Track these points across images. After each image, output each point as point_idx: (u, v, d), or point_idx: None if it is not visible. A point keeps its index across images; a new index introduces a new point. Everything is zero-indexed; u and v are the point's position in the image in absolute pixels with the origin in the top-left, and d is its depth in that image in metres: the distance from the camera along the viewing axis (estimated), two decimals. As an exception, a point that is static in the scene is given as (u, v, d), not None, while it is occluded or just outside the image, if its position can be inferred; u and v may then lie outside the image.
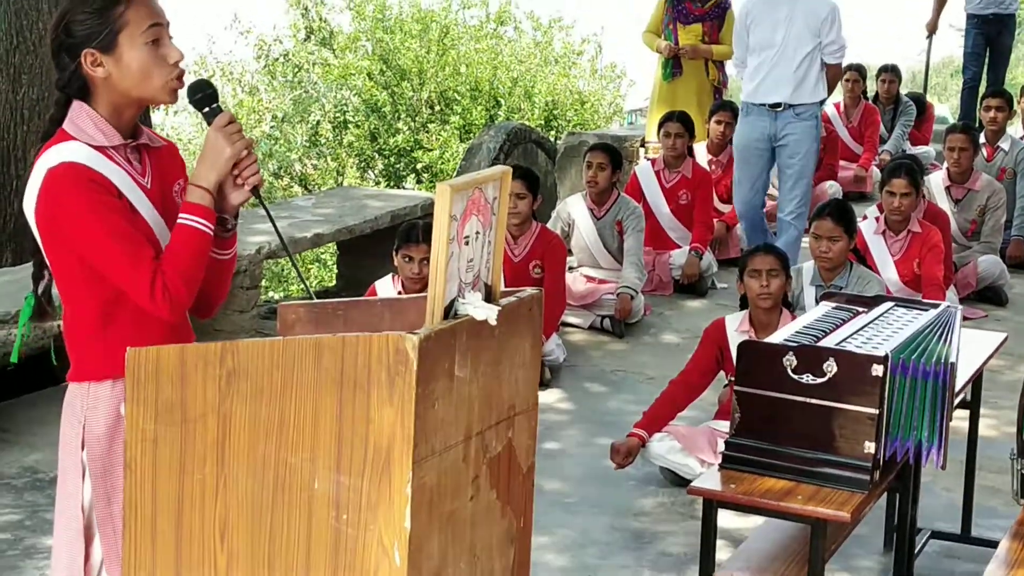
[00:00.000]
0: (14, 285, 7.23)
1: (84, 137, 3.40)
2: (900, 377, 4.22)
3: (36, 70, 9.17)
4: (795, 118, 9.26)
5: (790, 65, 9.16)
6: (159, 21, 3.43)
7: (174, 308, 3.35)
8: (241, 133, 3.42)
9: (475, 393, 3.11)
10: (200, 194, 3.38)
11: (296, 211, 9.65)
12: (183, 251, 3.35)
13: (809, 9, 9.13)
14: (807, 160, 9.38)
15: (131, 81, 3.42)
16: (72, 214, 3.33)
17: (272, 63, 22.59)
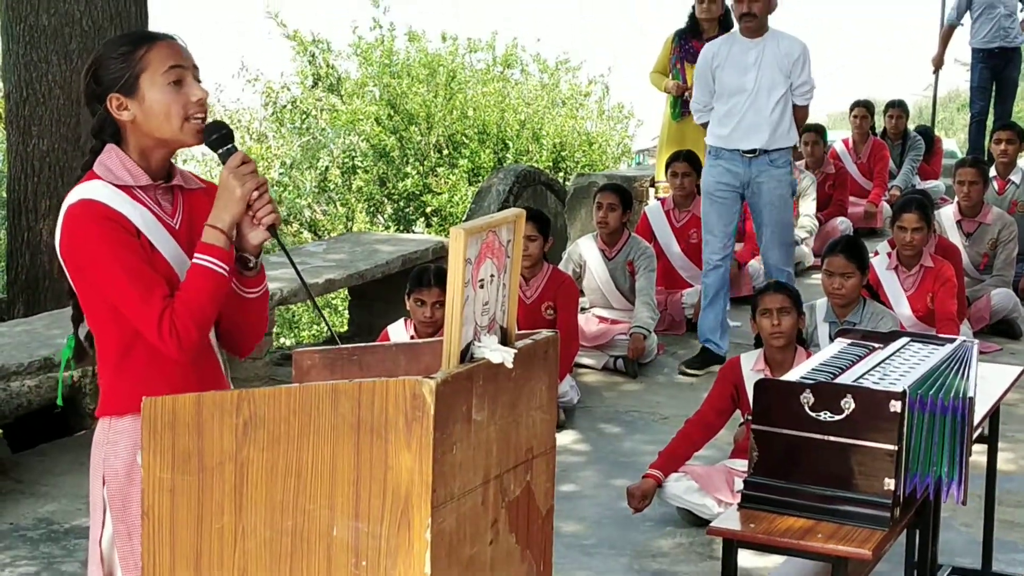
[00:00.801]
0: (27, 335, 7.23)
1: (109, 176, 3.47)
2: (918, 413, 4.20)
3: (46, 122, 9.22)
4: (770, 164, 8.85)
5: (764, 110, 8.76)
6: (181, 63, 3.48)
7: (182, 346, 3.36)
8: (254, 173, 3.44)
9: (493, 436, 3.09)
10: (215, 234, 3.41)
11: (307, 257, 9.65)
12: (193, 290, 3.38)
13: (779, 51, 8.76)
14: (784, 204, 9.00)
15: (154, 122, 3.47)
16: (88, 250, 3.39)
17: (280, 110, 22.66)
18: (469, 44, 23.75)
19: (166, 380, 3.41)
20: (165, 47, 3.49)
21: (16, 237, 9.47)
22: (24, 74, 9.28)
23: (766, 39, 8.74)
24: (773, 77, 8.72)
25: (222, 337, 3.67)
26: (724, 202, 8.93)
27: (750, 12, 8.62)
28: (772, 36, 8.76)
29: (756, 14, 8.63)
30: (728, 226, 9.00)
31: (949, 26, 15.33)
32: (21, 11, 9.23)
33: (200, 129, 3.50)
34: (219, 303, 3.44)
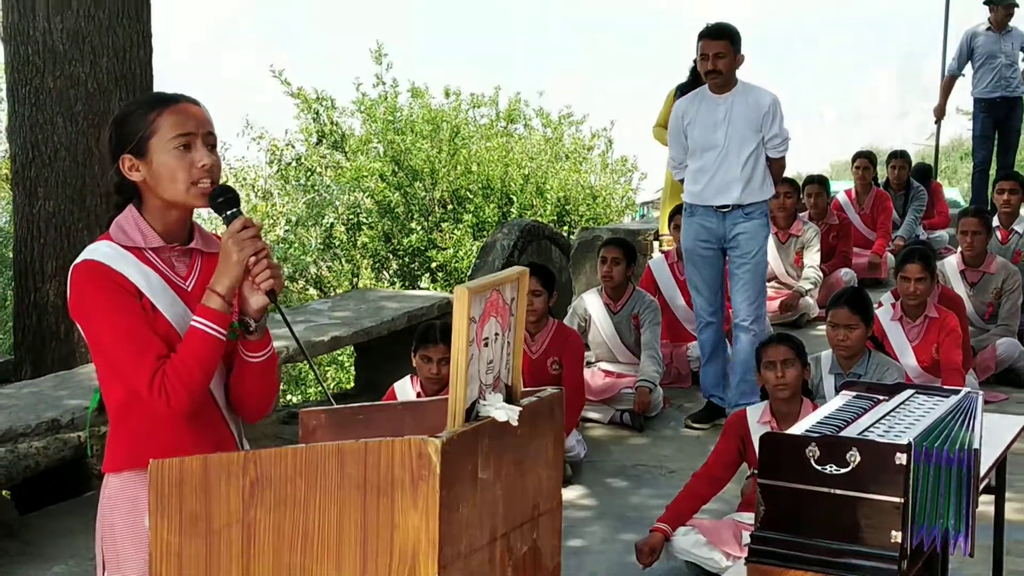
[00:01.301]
0: (34, 397, 7.24)
1: (120, 237, 3.54)
2: (924, 465, 4.20)
3: (52, 184, 9.26)
4: (744, 218, 8.68)
5: (735, 165, 8.60)
6: (191, 130, 3.52)
7: (171, 406, 3.40)
8: (254, 239, 3.47)
9: (499, 495, 3.10)
10: (212, 298, 3.45)
11: (313, 315, 9.67)
12: (186, 353, 3.42)
13: (749, 105, 8.61)
14: (759, 259, 8.75)
15: (161, 185, 3.52)
16: (87, 309, 3.47)
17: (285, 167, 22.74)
18: (472, 99, 23.85)
19: (164, 439, 3.45)
20: (180, 111, 3.54)
21: (23, 298, 9.49)
22: (30, 136, 9.32)
23: (735, 94, 8.64)
24: (743, 132, 8.60)
25: (232, 401, 3.68)
26: (705, 259, 8.82)
27: (715, 69, 8.54)
28: (741, 90, 8.66)
29: (721, 71, 8.53)
30: (714, 282, 8.89)
31: (950, 76, 15.37)
32: (27, 73, 9.28)
33: (206, 192, 3.53)
34: (212, 366, 3.47)
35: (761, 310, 8.85)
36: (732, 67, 8.57)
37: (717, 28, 8.62)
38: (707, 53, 8.52)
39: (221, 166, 3.62)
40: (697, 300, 8.97)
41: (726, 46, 8.48)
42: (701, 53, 8.57)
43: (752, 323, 8.71)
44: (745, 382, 8.58)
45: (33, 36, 9.22)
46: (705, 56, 8.54)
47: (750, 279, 8.71)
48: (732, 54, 8.51)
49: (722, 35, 8.53)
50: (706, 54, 8.53)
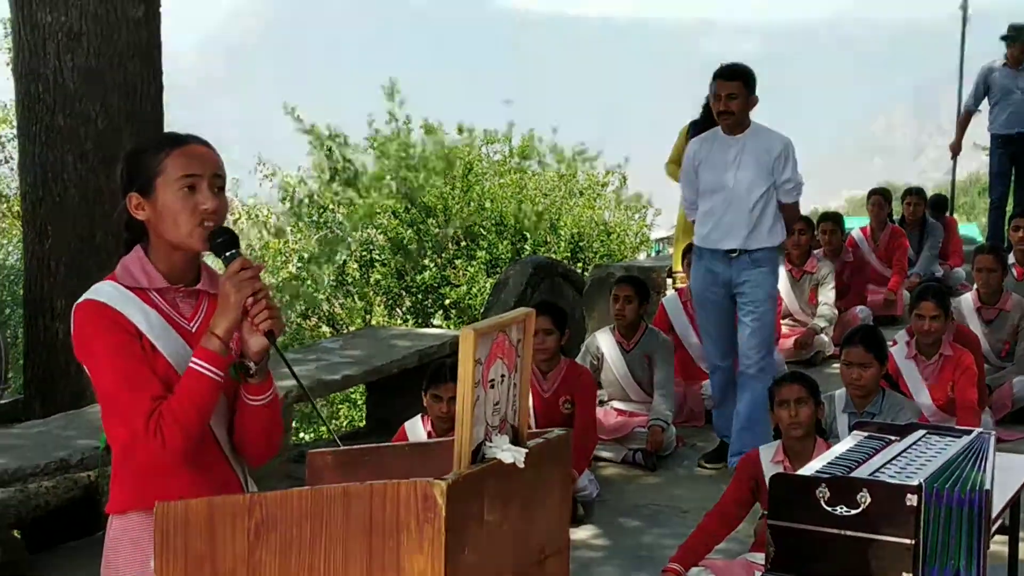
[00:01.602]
0: (44, 436, 7.24)
1: (125, 278, 3.55)
2: (935, 506, 4.18)
3: (61, 222, 9.27)
4: (751, 264, 8.44)
5: (743, 209, 8.39)
6: (197, 172, 3.52)
7: (166, 447, 3.38)
8: (253, 279, 3.46)
9: (505, 536, 3.09)
10: (211, 339, 3.45)
11: (325, 353, 9.67)
12: (183, 395, 3.42)
13: (760, 147, 8.39)
14: (767, 306, 8.53)
15: (163, 226, 3.53)
16: (86, 349, 3.48)
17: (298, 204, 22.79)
18: (486, 136, 23.89)
19: (167, 481, 3.43)
20: (188, 152, 3.54)
21: (33, 336, 9.50)
22: (40, 174, 9.35)
23: (747, 136, 8.44)
24: (753, 175, 8.38)
25: (235, 444, 3.67)
26: (715, 303, 8.63)
27: (727, 110, 8.37)
28: (754, 132, 8.47)
29: (734, 112, 8.35)
30: (723, 327, 8.67)
31: (967, 112, 15.35)
32: (37, 111, 9.32)
33: (204, 236, 3.53)
34: (208, 407, 3.45)
35: (769, 359, 8.60)
36: (745, 108, 8.40)
37: (731, 69, 8.48)
38: (720, 93, 8.38)
39: (228, 208, 3.61)
40: (707, 344, 8.87)
41: (739, 87, 8.33)
42: (714, 93, 8.44)
43: (759, 372, 8.45)
44: (747, 431, 8.35)
45: (44, 74, 9.25)
46: (718, 96, 8.39)
47: (757, 327, 8.50)
48: (745, 95, 8.36)
49: (735, 76, 8.39)
50: (719, 94, 8.38)
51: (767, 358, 8.56)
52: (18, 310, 13.12)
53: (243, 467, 3.69)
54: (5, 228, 19.31)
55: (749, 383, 8.45)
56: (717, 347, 8.74)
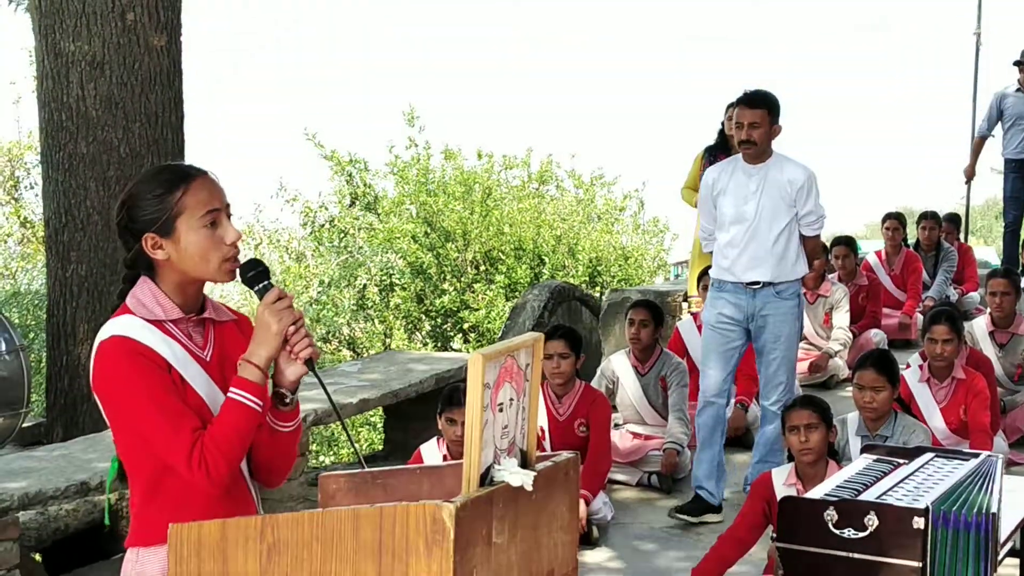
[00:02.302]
0: (65, 460, 7.30)
1: (141, 311, 3.52)
2: (942, 529, 4.22)
3: (84, 248, 9.35)
4: (776, 297, 8.15)
5: (765, 241, 8.09)
6: (216, 206, 3.54)
7: (211, 479, 3.39)
8: (290, 309, 3.49)
9: (513, 559, 3.13)
10: (250, 370, 3.46)
11: (342, 377, 9.73)
12: (225, 425, 3.42)
13: (783, 179, 8.06)
14: (791, 342, 8.24)
15: (190, 263, 3.53)
16: (119, 385, 3.44)
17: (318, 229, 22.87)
18: (504, 161, 23.96)
19: (197, 512, 3.40)
20: (201, 188, 3.54)
21: (55, 361, 9.57)
22: (63, 201, 9.43)
23: (769, 165, 8.11)
24: (775, 206, 8.08)
25: (253, 468, 3.70)
26: (726, 335, 8.26)
27: (749, 140, 8.02)
28: (776, 162, 8.13)
29: (756, 142, 8.00)
30: (728, 361, 8.30)
31: (980, 137, 15.38)
32: (60, 139, 9.41)
33: (232, 270, 3.56)
34: (249, 438, 3.47)
35: (791, 394, 8.19)
36: (768, 138, 8.06)
37: (754, 96, 8.12)
38: (742, 122, 8.04)
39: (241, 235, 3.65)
40: (704, 379, 8.36)
41: (763, 116, 7.99)
42: (736, 121, 8.12)
43: (781, 407, 7.83)
44: (765, 463, 8.05)
45: (67, 102, 9.35)
46: (740, 125, 8.06)
47: (782, 361, 8.23)
48: (768, 124, 8.02)
49: (759, 104, 8.04)
50: (741, 123, 8.06)
51: (789, 393, 8.23)
52: (41, 334, 13.20)
53: (257, 492, 3.73)
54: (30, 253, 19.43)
55: (771, 418, 8.20)
56: (716, 381, 8.29)
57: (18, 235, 19.95)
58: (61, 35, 9.32)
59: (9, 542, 6.58)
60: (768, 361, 8.26)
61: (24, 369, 9.50)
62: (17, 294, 17.55)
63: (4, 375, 9.34)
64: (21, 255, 19.71)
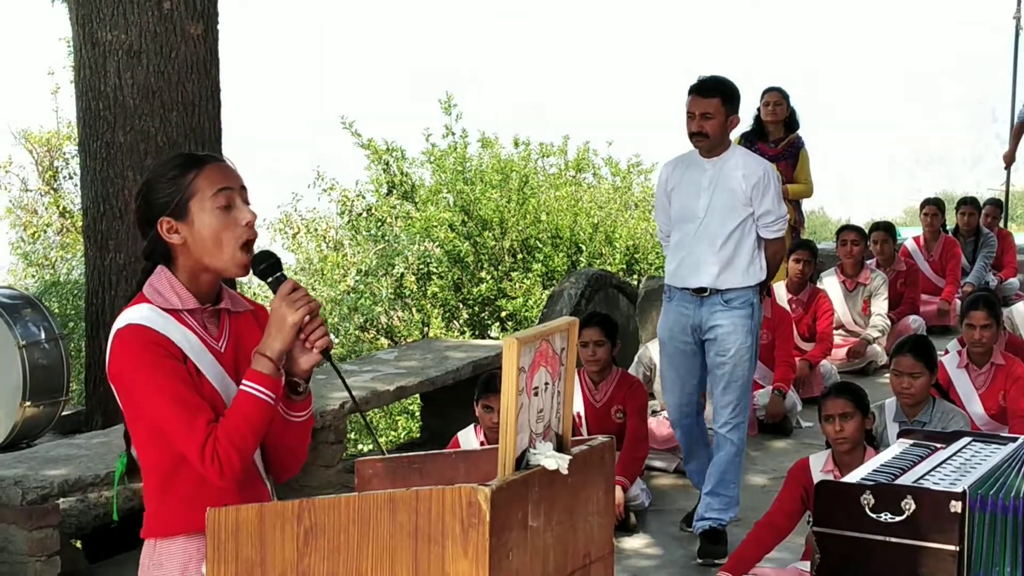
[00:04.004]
0: (104, 447, 7.34)
1: (157, 300, 3.52)
2: (979, 513, 4.21)
3: (122, 236, 9.38)
4: (724, 306, 7.42)
5: (714, 242, 7.38)
6: (229, 185, 3.55)
7: (223, 472, 3.39)
8: (305, 299, 3.47)
9: (549, 542, 3.14)
10: (264, 363, 3.45)
11: (380, 364, 9.75)
12: (239, 417, 3.42)
13: (737, 173, 7.39)
14: (741, 358, 7.44)
15: (203, 247, 3.53)
16: (133, 375, 3.45)
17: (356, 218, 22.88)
18: (541, 149, 23.92)
19: (212, 503, 3.37)
20: (214, 170, 3.55)
21: (94, 349, 9.62)
22: (101, 190, 9.47)
23: (724, 159, 7.46)
24: (728, 203, 7.38)
25: (267, 459, 3.70)
26: (683, 353, 7.60)
27: (701, 131, 7.36)
28: (732, 155, 7.49)
29: (708, 134, 7.35)
30: (689, 380, 7.66)
31: (1020, 123, 15.32)
32: (98, 128, 9.44)
33: (246, 263, 3.55)
34: (262, 431, 3.46)
35: (743, 416, 7.61)
36: (723, 129, 7.40)
37: (708, 83, 7.46)
38: (693, 112, 7.37)
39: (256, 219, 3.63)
40: (668, 398, 7.81)
41: (716, 106, 7.32)
42: (687, 111, 7.42)
43: (731, 431, 7.53)
44: (715, 495, 7.53)
45: (104, 92, 9.38)
46: (692, 115, 7.38)
47: (731, 381, 7.49)
48: (723, 115, 7.36)
49: (712, 92, 7.38)
50: (692, 113, 7.38)
51: (741, 415, 7.58)
52: (81, 324, 13.27)
53: (272, 484, 3.71)
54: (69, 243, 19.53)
55: (722, 444, 7.57)
56: (679, 402, 7.70)
57: (57, 225, 20.05)
58: (98, 24, 9.36)
59: (49, 528, 6.63)
60: (716, 378, 7.56)
61: (64, 357, 9.55)
62: (56, 283, 17.65)
63: (44, 363, 9.39)
64: (60, 245, 19.82)
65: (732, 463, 7.52)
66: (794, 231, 11.86)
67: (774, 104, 11.47)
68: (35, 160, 20.52)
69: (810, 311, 10.94)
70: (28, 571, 6.55)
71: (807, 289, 11.04)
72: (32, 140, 20.51)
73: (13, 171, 20.44)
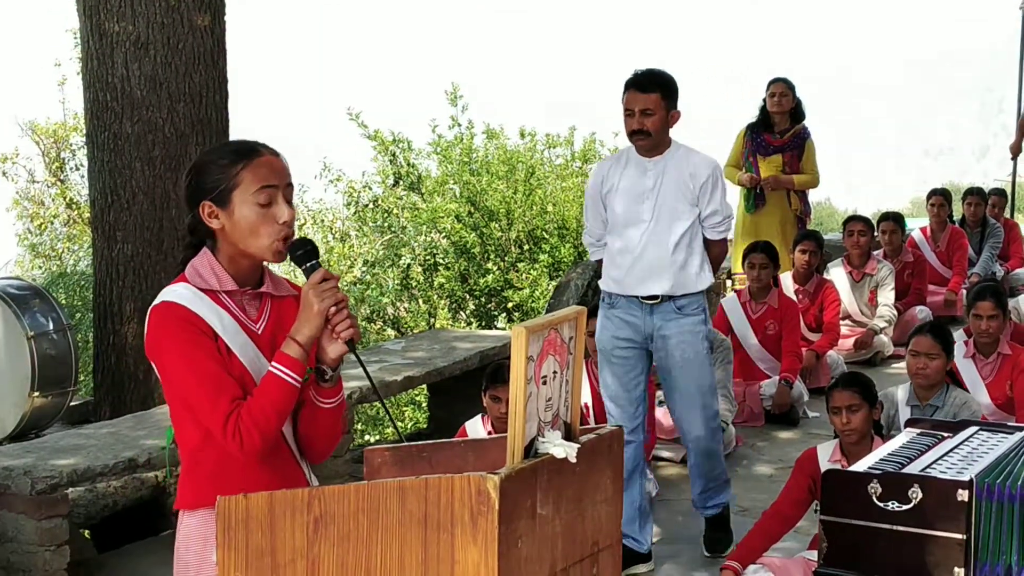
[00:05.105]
0: (112, 437, 7.36)
1: (196, 280, 3.63)
2: (986, 501, 4.22)
3: (130, 227, 9.40)
4: (677, 313, 7.03)
5: (665, 247, 6.97)
6: (274, 183, 3.62)
7: (243, 448, 3.48)
8: (334, 290, 3.55)
9: (558, 530, 3.16)
10: (292, 346, 3.53)
11: (387, 355, 9.76)
12: (263, 397, 3.51)
13: (684, 173, 6.98)
14: (698, 367, 7.11)
15: (239, 236, 3.62)
16: (164, 350, 3.55)
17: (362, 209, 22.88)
18: (547, 140, 23.92)
19: (237, 478, 3.52)
20: (263, 165, 3.62)
21: (102, 340, 9.64)
22: (109, 180, 9.49)
23: (667, 158, 7.04)
24: (675, 205, 6.99)
25: (299, 442, 3.77)
26: (625, 362, 7.15)
27: (641, 129, 6.92)
28: (675, 154, 7.06)
29: (649, 131, 6.92)
30: (633, 390, 7.21)
31: (1027, 113, 15.31)
32: (105, 119, 9.45)
33: (280, 250, 3.62)
34: (286, 412, 3.55)
35: (716, 421, 7.33)
36: (663, 126, 6.97)
37: (646, 77, 6.99)
38: (632, 109, 6.94)
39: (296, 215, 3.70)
40: (613, 411, 7.30)
41: (656, 101, 6.89)
42: (625, 108, 6.99)
43: (709, 439, 7.25)
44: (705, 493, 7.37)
45: (112, 83, 9.39)
46: (630, 112, 6.95)
47: (693, 391, 7.15)
48: (664, 110, 6.93)
49: (651, 87, 6.94)
50: (630, 109, 6.95)
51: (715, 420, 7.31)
52: (88, 314, 13.29)
53: (307, 464, 3.80)
54: (76, 235, 19.55)
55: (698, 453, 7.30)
56: (625, 414, 7.23)
57: (64, 216, 20.07)
58: (105, 16, 9.37)
59: (59, 518, 6.66)
60: (674, 391, 7.23)
61: (72, 348, 9.57)
62: (64, 275, 17.68)
63: (52, 354, 9.41)
64: (67, 236, 19.84)
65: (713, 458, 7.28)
66: (800, 222, 11.88)
67: (779, 95, 11.48)
68: (42, 151, 20.53)
69: (817, 302, 10.94)
70: (37, 561, 6.58)
71: (814, 280, 11.04)
72: (39, 131, 20.53)
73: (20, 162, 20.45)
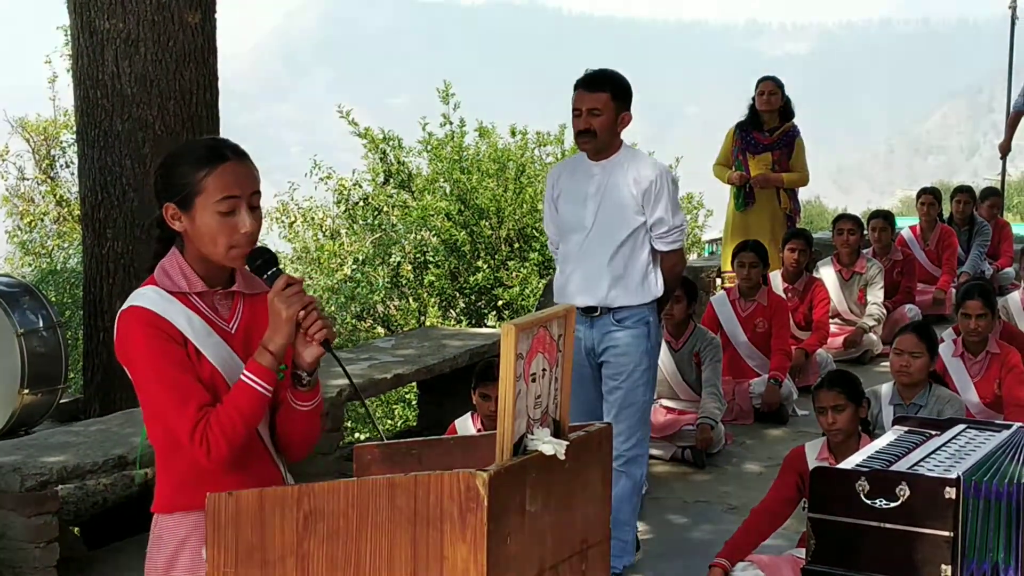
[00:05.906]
0: (102, 434, 7.36)
1: (165, 282, 3.60)
2: (973, 499, 4.24)
3: (120, 225, 9.40)
4: (617, 326, 6.76)
5: (602, 255, 6.71)
6: (236, 193, 3.57)
7: (210, 456, 3.46)
8: (300, 294, 3.53)
9: (547, 527, 3.17)
10: (265, 356, 3.52)
11: (376, 352, 9.77)
12: (232, 406, 3.49)
13: (626, 178, 6.68)
14: (635, 382, 6.79)
15: (200, 242, 3.59)
16: (131, 355, 3.54)
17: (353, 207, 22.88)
18: (538, 138, 23.93)
19: (212, 481, 3.49)
20: (228, 172, 3.58)
21: (92, 337, 9.64)
22: (99, 177, 9.48)
23: (613, 162, 6.76)
24: (617, 213, 6.70)
25: (277, 441, 3.76)
26: (580, 378, 6.55)
27: (588, 129, 6.66)
28: (622, 158, 6.78)
29: (596, 132, 6.66)
30: (588, 405, 6.83)
31: (1016, 112, 15.31)
32: (96, 116, 9.45)
33: (240, 256, 3.61)
34: (255, 420, 3.53)
35: (641, 448, 6.99)
36: (611, 127, 6.69)
37: (596, 77, 6.75)
38: (580, 108, 6.69)
39: (262, 224, 3.68)
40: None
41: (605, 101, 6.64)
42: (573, 108, 6.75)
43: (626, 464, 6.85)
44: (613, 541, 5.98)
45: (102, 80, 9.39)
46: (578, 112, 6.70)
47: (622, 406, 6.82)
48: (613, 111, 6.67)
49: (600, 86, 6.69)
50: (578, 109, 6.70)
51: (639, 447, 6.94)
52: (78, 312, 13.28)
53: (284, 463, 3.79)
54: (66, 232, 19.55)
55: (615, 478, 6.47)
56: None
57: (54, 214, 20.07)
58: (96, 13, 9.37)
59: (48, 515, 6.66)
60: (609, 404, 6.88)
61: (62, 345, 9.57)
62: (54, 272, 17.67)
63: (42, 351, 9.41)
64: (57, 233, 19.83)
65: (627, 501, 6.87)
66: (790, 220, 11.91)
67: (768, 93, 11.51)
68: (32, 149, 20.52)
69: (806, 300, 10.97)
70: (27, 557, 6.58)
71: (803, 278, 11.06)
72: (29, 129, 20.52)
73: (10, 160, 20.45)
